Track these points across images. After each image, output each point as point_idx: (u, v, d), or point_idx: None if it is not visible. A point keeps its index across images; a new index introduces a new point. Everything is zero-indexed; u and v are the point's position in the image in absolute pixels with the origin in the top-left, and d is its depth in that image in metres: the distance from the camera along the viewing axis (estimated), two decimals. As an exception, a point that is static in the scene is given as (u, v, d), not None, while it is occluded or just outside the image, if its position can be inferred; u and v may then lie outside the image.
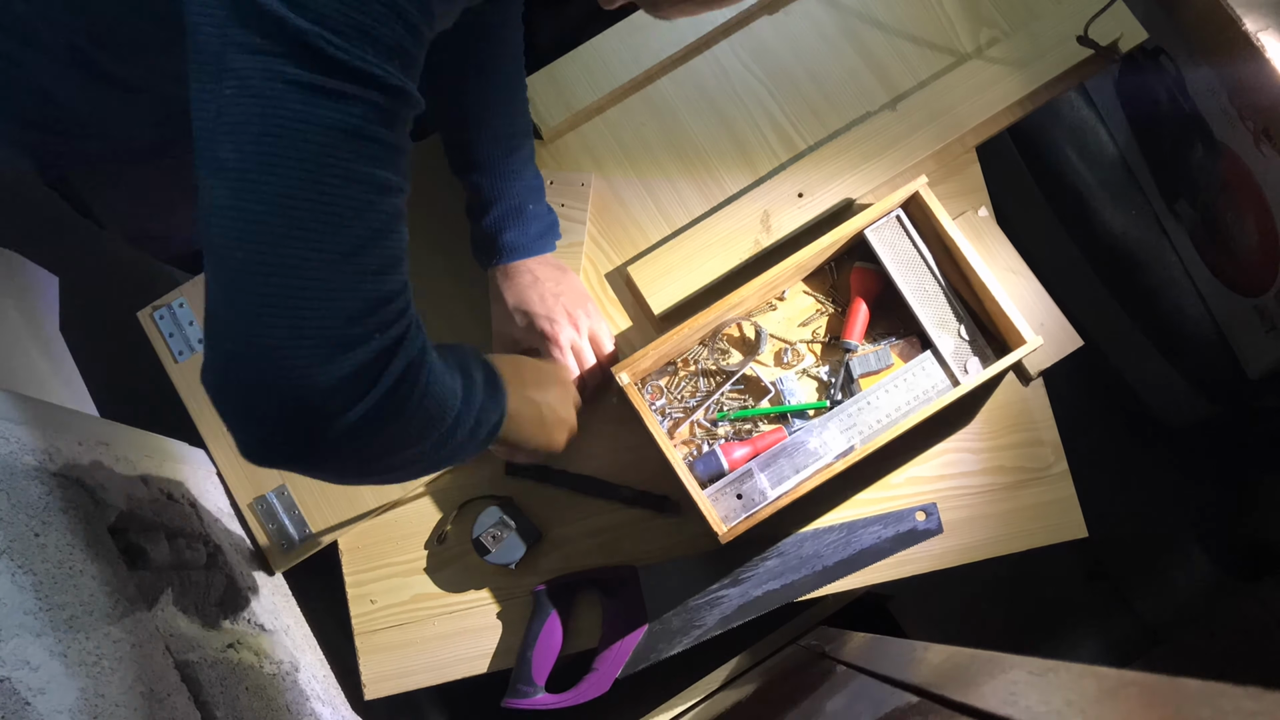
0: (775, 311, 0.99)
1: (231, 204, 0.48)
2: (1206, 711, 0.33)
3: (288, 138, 0.47)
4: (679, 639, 0.93)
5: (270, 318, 0.49)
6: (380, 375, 0.52)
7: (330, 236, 0.49)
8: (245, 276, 0.48)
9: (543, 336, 0.90)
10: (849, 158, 0.98)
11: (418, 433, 0.57)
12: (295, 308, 0.49)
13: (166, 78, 0.77)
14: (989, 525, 0.95)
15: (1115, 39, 0.97)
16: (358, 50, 0.48)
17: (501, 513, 0.94)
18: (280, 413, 0.50)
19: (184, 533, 0.87)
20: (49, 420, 0.76)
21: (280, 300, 0.48)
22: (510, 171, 0.90)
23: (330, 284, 0.49)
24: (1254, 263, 1.15)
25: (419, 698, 1.18)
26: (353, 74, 0.48)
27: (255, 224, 0.48)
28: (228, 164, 0.48)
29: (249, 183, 0.48)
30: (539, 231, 0.92)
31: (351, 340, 0.50)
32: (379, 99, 0.50)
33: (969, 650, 0.60)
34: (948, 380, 0.92)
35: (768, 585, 0.94)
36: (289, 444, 0.51)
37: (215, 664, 0.78)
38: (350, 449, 0.53)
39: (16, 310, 1.03)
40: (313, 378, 0.49)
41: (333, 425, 0.51)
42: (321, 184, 0.48)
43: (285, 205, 0.48)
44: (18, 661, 0.56)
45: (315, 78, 0.47)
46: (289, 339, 0.49)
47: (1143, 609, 1.65)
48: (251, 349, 0.49)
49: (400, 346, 0.53)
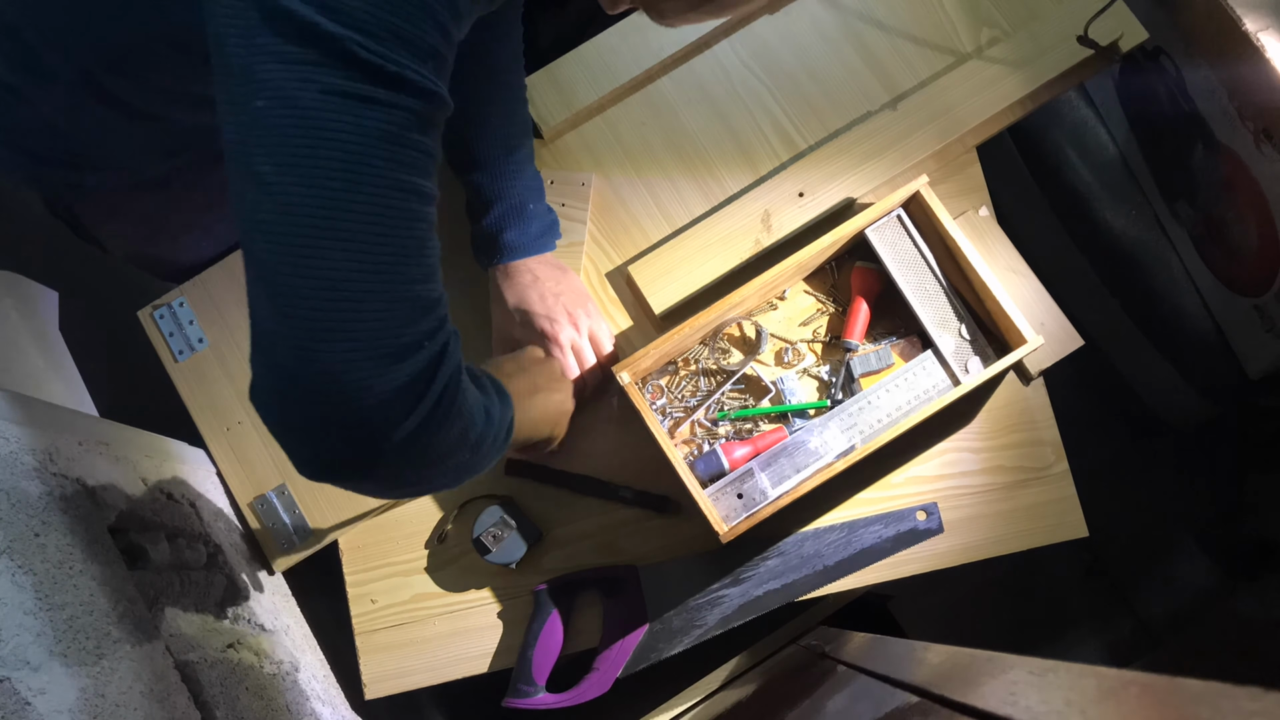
0: (776, 311, 0.99)
1: (275, 219, 0.48)
2: (1206, 711, 0.33)
3: (326, 148, 0.47)
4: (679, 639, 0.93)
5: (325, 333, 0.48)
6: (431, 383, 0.52)
7: (377, 247, 0.49)
8: (295, 292, 0.48)
9: (542, 336, 0.90)
10: (850, 157, 0.98)
11: (458, 441, 0.57)
12: (348, 322, 0.48)
13: (179, 104, 0.77)
14: (989, 525, 0.95)
15: (1115, 39, 0.97)
16: (393, 54, 0.47)
17: (502, 512, 0.94)
18: (341, 429, 0.50)
19: (184, 533, 0.87)
20: (49, 420, 0.76)
21: (333, 315, 0.48)
22: (510, 170, 0.90)
23: (381, 296, 0.49)
24: (1254, 263, 1.15)
25: (419, 697, 1.18)
26: (389, 79, 0.47)
27: (301, 239, 0.47)
28: (267, 178, 0.47)
29: (290, 197, 0.47)
30: (539, 231, 0.92)
31: (404, 350, 0.50)
32: (415, 104, 0.49)
33: (969, 650, 0.60)
34: (948, 380, 0.92)
35: (768, 585, 0.94)
36: (349, 459, 0.51)
37: (215, 664, 0.78)
38: (405, 459, 0.53)
39: (16, 310, 1.03)
40: (371, 391, 0.49)
41: (390, 437, 0.50)
42: (364, 194, 0.48)
43: (330, 219, 0.47)
44: (18, 661, 0.56)
45: (351, 85, 0.46)
46: (345, 353, 0.48)
47: (1143, 609, 1.65)
48: (307, 366, 0.49)
49: (446, 353, 0.53)
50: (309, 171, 0.47)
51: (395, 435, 0.51)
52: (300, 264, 0.48)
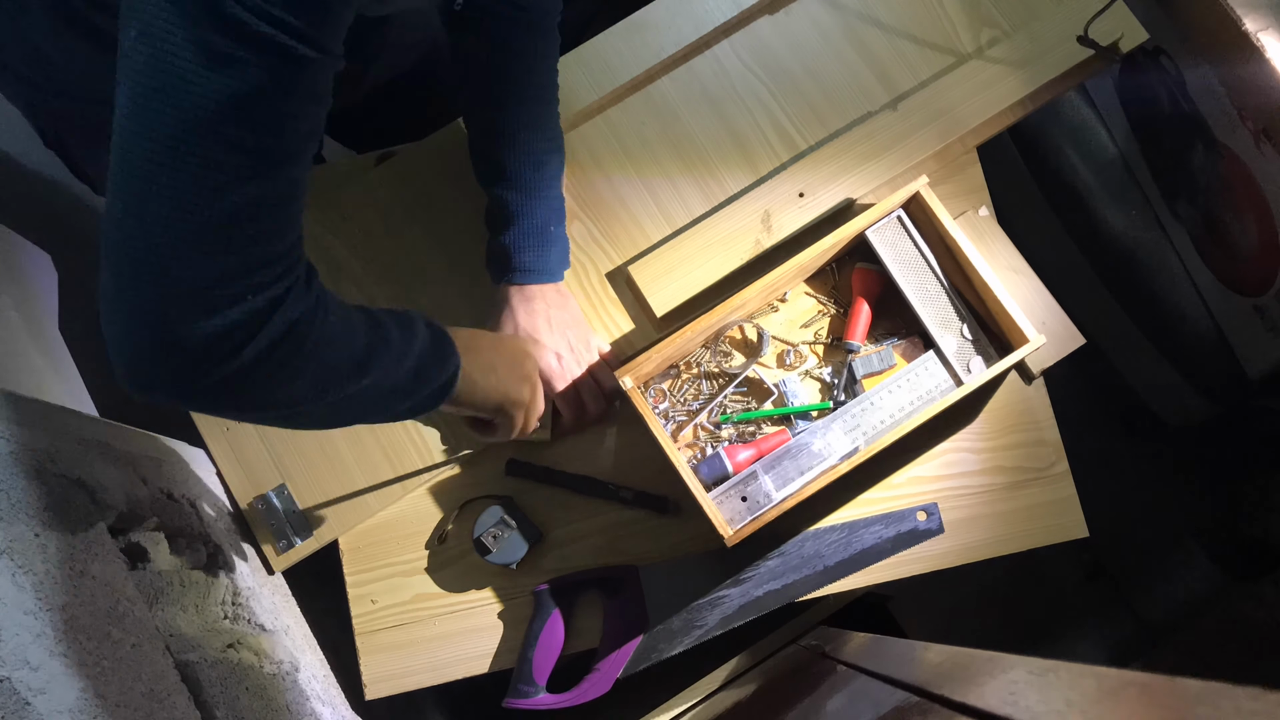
0: (777, 313, 0.99)
1: (117, 153, 0.49)
2: (1206, 711, 0.33)
3: (171, 97, 0.47)
4: (680, 639, 0.93)
5: (144, 270, 0.50)
6: (255, 334, 0.53)
7: (204, 201, 0.49)
8: (122, 225, 0.49)
9: (547, 369, 0.90)
10: (850, 157, 0.98)
11: (315, 385, 0.58)
12: (164, 265, 0.50)
13: None
14: (990, 525, 0.95)
15: (1115, 39, 0.97)
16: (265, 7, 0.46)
17: (503, 513, 0.94)
18: (155, 356, 0.52)
19: (184, 533, 0.87)
20: (49, 420, 0.76)
21: (150, 255, 0.49)
22: (537, 189, 0.89)
23: (199, 246, 0.50)
24: (1254, 263, 1.15)
25: (420, 698, 1.18)
26: (252, 39, 0.46)
27: (133, 177, 0.49)
28: (121, 109, 0.48)
29: (131, 135, 0.48)
30: (558, 257, 0.92)
31: (219, 301, 0.51)
32: (279, 66, 0.48)
33: (969, 650, 0.60)
34: (951, 380, 0.92)
35: (769, 585, 0.94)
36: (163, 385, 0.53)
37: (215, 664, 0.78)
38: (231, 396, 0.55)
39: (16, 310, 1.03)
40: (182, 332, 0.51)
41: (208, 375, 0.52)
42: (201, 148, 0.48)
43: (159, 165, 0.48)
44: (18, 661, 0.56)
45: (213, 37, 0.46)
46: (158, 293, 0.50)
47: (1143, 609, 1.65)
48: (126, 296, 0.51)
49: (279, 308, 0.54)
50: (147, 115, 0.47)
51: (214, 374, 0.52)
52: (128, 199, 0.49)
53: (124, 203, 0.49)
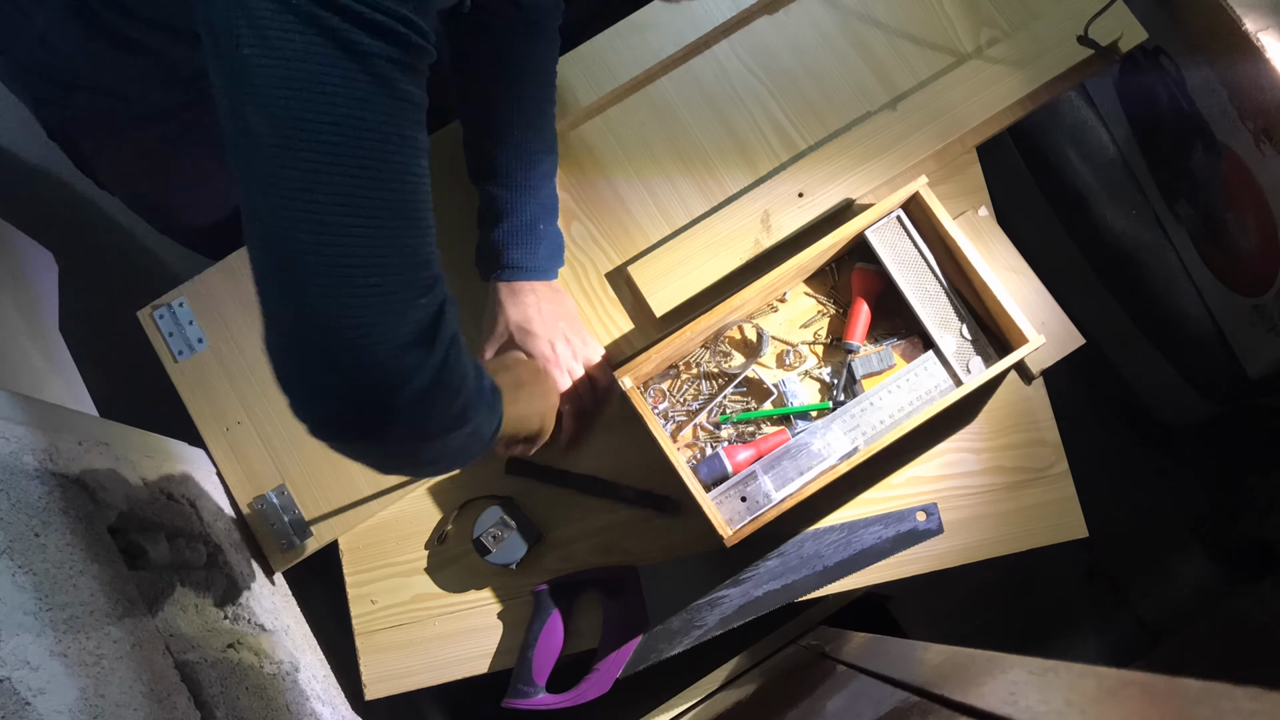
0: (776, 313, 0.99)
1: (267, 172, 0.47)
2: (1206, 711, 0.33)
3: (315, 101, 0.46)
4: (679, 639, 0.93)
5: (329, 288, 0.48)
6: (435, 338, 0.52)
7: (374, 201, 0.49)
8: (292, 245, 0.48)
9: (542, 359, 0.90)
10: (849, 157, 0.98)
11: (459, 414, 0.57)
12: (349, 276, 0.48)
13: (168, 37, 0.76)
14: (989, 525, 0.95)
15: (1115, 39, 0.97)
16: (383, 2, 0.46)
17: (502, 513, 0.94)
18: (348, 383, 0.50)
19: (184, 533, 0.87)
20: (49, 420, 0.76)
21: (332, 267, 0.48)
22: (527, 186, 0.89)
23: (377, 248, 0.49)
24: (1254, 263, 1.15)
25: (419, 698, 1.18)
26: (372, 26, 0.47)
27: (298, 194, 0.47)
28: (258, 131, 0.47)
29: (281, 150, 0.47)
30: (547, 254, 0.92)
31: (405, 303, 0.50)
32: (397, 53, 0.48)
33: (969, 650, 0.60)
34: (950, 380, 0.92)
35: (768, 585, 0.94)
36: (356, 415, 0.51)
37: (215, 664, 0.78)
38: (411, 421, 0.53)
39: (16, 310, 1.03)
40: (377, 342, 0.49)
41: (399, 392, 0.51)
42: (359, 149, 0.48)
43: (321, 171, 0.47)
44: (18, 661, 0.56)
45: (335, 30, 0.45)
46: (349, 308, 0.48)
47: (1143, 609, 1.65)
48: (310, 319, 0.49)
49: (444, 312, 0.53)
50: (299, 128, 0.46)
51: (404, 391, 0.51)
52: (296, 219, 0.47)
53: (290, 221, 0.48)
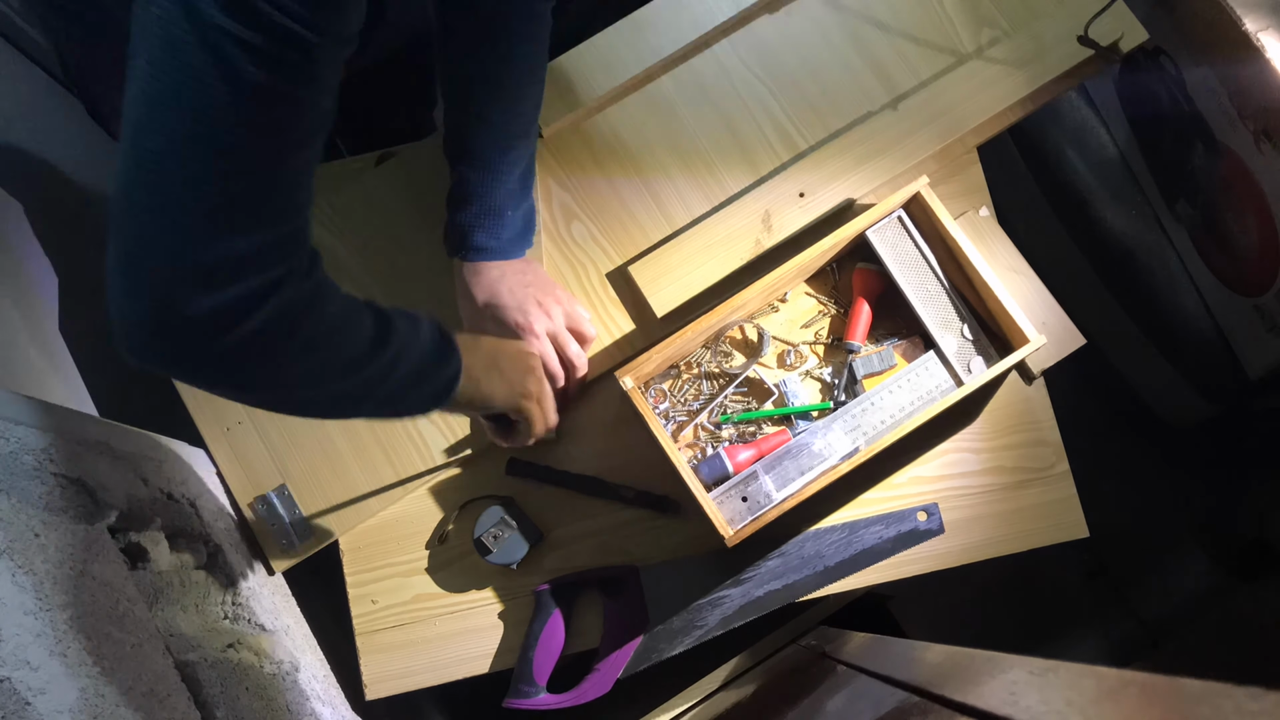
0: (777, 313, 0.99)
1: (131, 130, 0.50)
2: (1206, 711, 0.33)
3: (187, 83, 0.48)
4: (680, 639, 0.93)
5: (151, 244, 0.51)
6: (250, 312, 0.54)
7: (215, 184, 0.51)
8: (131, 197, 0.51)
9: (516, 327, 0.89)
10: (850, 157, 0.98)
11: (312, 371, 0.60)
12: (169, 240, 0.51)
13: None
14: (990, 525, 0.95)
15: (1116, 39, 0.97)
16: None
17: (503, 513, 0.94)
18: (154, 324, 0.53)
19: (184, 533, 0.87)
20: (49, 420, 0.76)
21: (158, 230, 0.51)
22: (498, 170, 0.88)
23: (206, 225, 0.51)
24: (1254, 263, 1.15)
25: (420, 698, 1.18)
26: (265, 26, 0.47)
27: (146, 155, 0.50)
28: (136, 87, 0.49)
29: (146, 118, 0.49)
30: (512, 235, 0.90)
31: (220, 278, 0.52)
32: (293, 56, 0.49)
33: (969, 650, 0.60)
34: (951, 380, 0.92)
35: (769, 585, 0.94)
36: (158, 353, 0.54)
37: (215, 664, 0.78)
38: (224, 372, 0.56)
39: (16, 310, 1.03)
40: (181, 304, 0.52)
41: (203, 347, 0.54)
42: (214, 134, 0.49)
43: (172, 147, 0.50)
44: (18, 661, 0.56)
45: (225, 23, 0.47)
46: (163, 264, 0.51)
47: (1143, 609, 1.65)
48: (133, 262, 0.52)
49: (277, 290, 0.55)
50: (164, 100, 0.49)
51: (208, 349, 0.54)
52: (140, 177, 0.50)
53: (134, 177, 0.51)
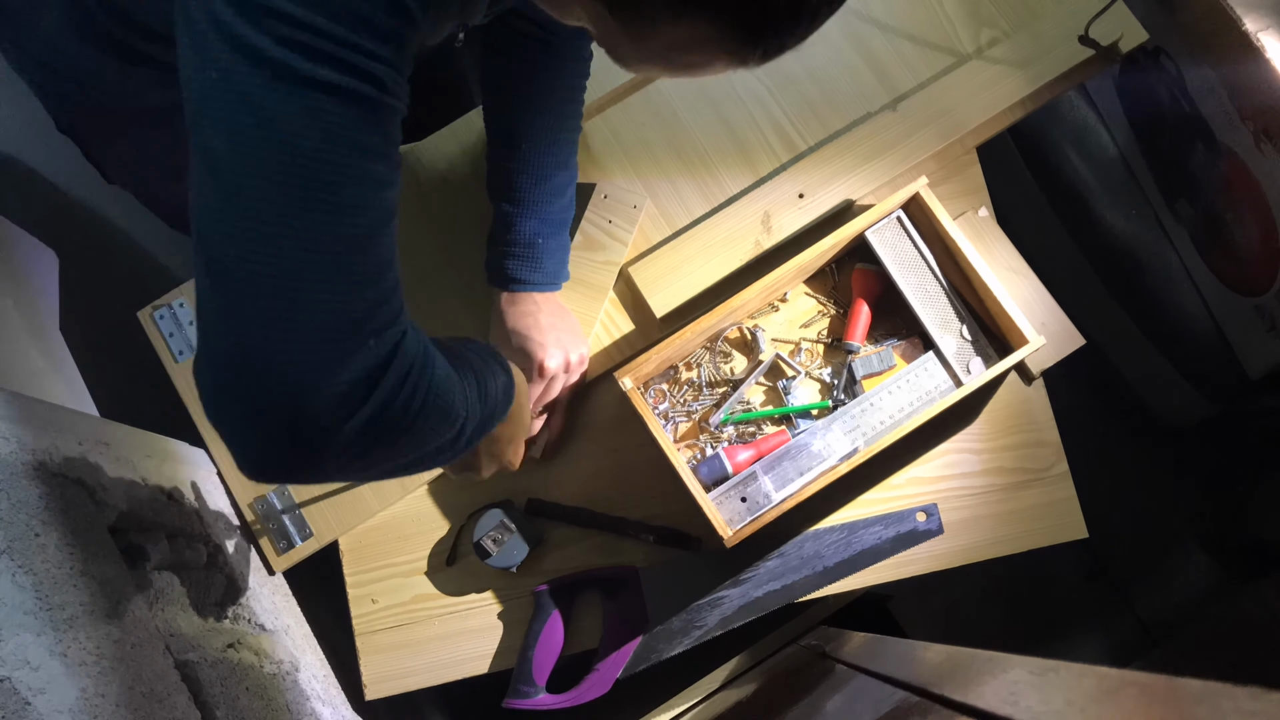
0: (777, 313, 0.99)
1: (220, 200, 0.46)
2: (1206, 711, 0.33)
3: (276, 133, 0.45)
4: (680, 639, 0.93)
5: (265, 323, 0.47)
6: (379, 382, 0.49)
7: (324, 238, 0.47)
8: (236, 277, 0.46)
9: (530, 359, 0.90)
10: (850, 158, 0.98)
11: (422, 437, 0.55)
12: (291, 315, 0.47)
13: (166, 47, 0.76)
14: (989, 526, 0.95)
15: (1116, 39, 0.97)
16: (352, 38, 0.46)
17: (502, 516, 0.94)
18: (279, 427, 0.48)
19: (184, 533, 0.87)
20: (49, 420, 0.76)
21: (275, 307, 0.47)
22: (534, 202, 0.89)
23: (325, 289, 0.47)
24: (1254, 263, 1.15)
25: (420, 698, 1.18)
26: (345, 67, 0.46)
27: (246, 222, 0.46)
28: (216, 154, 0.46)
29: (238, 179, 0.46)
30: (550, 269, 0.91)
31: (349, 348, 0.48)
32: (372, 93, 0.48)
33: (969, 650, 0.60)
34: (950, 381, 0.92)
35: (768, 586, 0.94)
36: (289, 458, 0.50)
37: (215, 664, 0.78)
38: (349, 458, 0.51)
39: (16, 310, 1.03)
40: (311, 388, 0.47)
41: (333, 438, 0.49)
42: (313, 185, 0.46)
43: (275, 207, 0.46)
44: (18, 661, 0.56)
45: (306, 67, 0.45)
46: (286, 346, 0.47)
47: (1143, 609, 1.65)
48: (246, 354, 0.47)
49: (398, 351, 0.51)
50: (255, 156, 0.45)
51: (339, 436, 0.49)
52: (242, 248, 0.46)
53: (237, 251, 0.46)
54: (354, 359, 0.48)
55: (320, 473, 0.52)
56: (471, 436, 0.62)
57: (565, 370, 0.92)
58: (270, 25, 0.44)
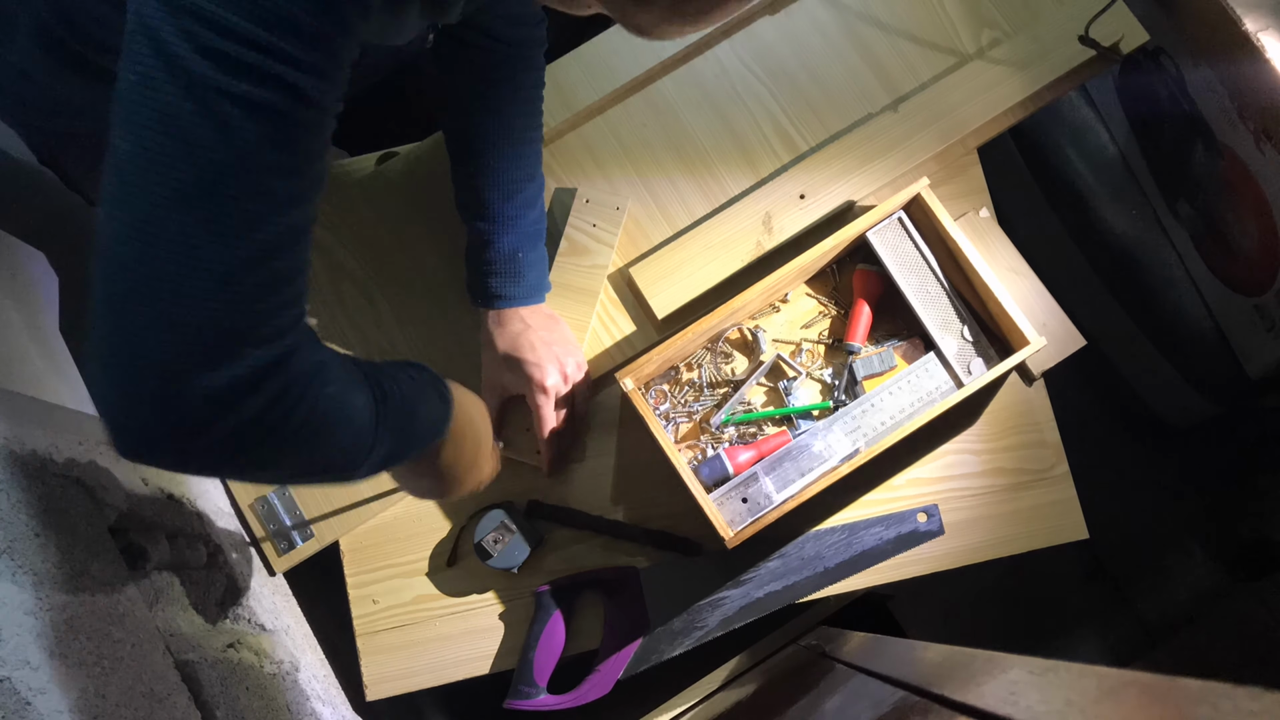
0: (778, 314, 0.99)
1: (117, 199, 0.47)
2: (1206, 711, 0.33)
3: (180, 146, 0.45)
4: (680, 640, 0.93)
5: (143, 322, 0.47)
6: (258, 388, 0.49)
7: (210, 253, 0.47)
8: (123, 277, 0.47)
9: (530, 380, 0.90)
10: (851, 159, 0.98)
11: (307, 450, 0.55)
12: (168, 316, 0.47)
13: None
14: (990, 527, 0.95)
15: (1116, 40, 0.97)
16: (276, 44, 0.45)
17: (503, 517, 0.94)
18: (152, 413, 0.49)
19: (184, 533, 0.87)
20: (49, 420, 0.76)
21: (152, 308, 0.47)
22: (508, 217, 0.89)
23: (205, 299, 0.47)
24: (1254, 263, 1.15)
25: (420, 699, 1.18)
26: (264, 78, 0.46)
27: (138, 225, 0.46)
28: (120, 154, 0.46)
29: (136, 183, 0.46)
30: (533, 282, 0.91)
31: (227, 354, 0.48)
32: (290, 107, 0.47)
33: (969, 650, 0.60)
34: (951, 382, 0.92)
35: (769, 586, 0.94)
36: (158, 445, 0.50)
37: (215, 664, 0.78)
38: (221, 457, 0.51)
39: (16, 310, 1.03)
40: (183, 384, 0.48)
41: (202, 434, 0.49)
42: (209, 199, 0.46)
43: (166, 216, 0.46)
44: (18, 661, 0.56)
45: (221, 80, 0.45)
46: (158, 343, 0.47)
47: (1143, 609, 1.65)
48: (122, 347, 0.48)
49: (283, 363, 0.51)
50: (157, 166, 0.46)
51: (207, 434, 0.49)
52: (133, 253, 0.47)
53: (128, 249, 0.47)
54: (231, 365, 0.48)
55: (188, 463, 0.53)
56: (385, 460, 0.62)
57: (565, 382, 0.92)
58: (193, 31, 0.44)
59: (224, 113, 0.45)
